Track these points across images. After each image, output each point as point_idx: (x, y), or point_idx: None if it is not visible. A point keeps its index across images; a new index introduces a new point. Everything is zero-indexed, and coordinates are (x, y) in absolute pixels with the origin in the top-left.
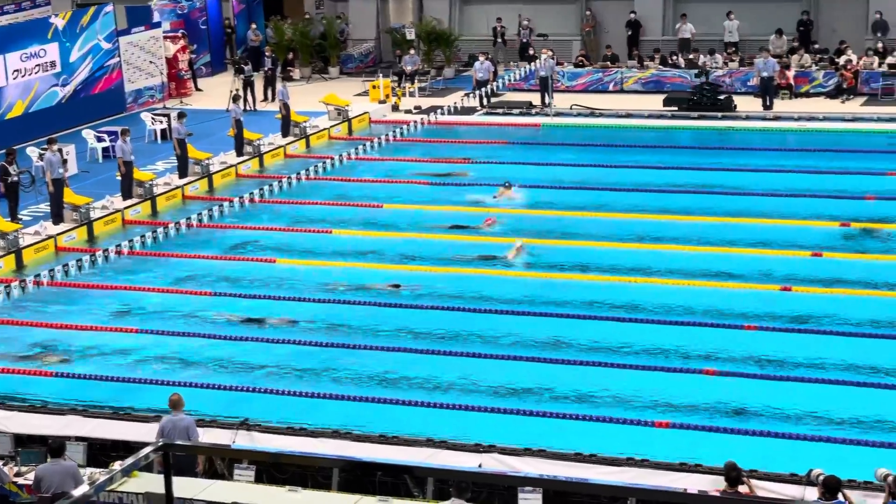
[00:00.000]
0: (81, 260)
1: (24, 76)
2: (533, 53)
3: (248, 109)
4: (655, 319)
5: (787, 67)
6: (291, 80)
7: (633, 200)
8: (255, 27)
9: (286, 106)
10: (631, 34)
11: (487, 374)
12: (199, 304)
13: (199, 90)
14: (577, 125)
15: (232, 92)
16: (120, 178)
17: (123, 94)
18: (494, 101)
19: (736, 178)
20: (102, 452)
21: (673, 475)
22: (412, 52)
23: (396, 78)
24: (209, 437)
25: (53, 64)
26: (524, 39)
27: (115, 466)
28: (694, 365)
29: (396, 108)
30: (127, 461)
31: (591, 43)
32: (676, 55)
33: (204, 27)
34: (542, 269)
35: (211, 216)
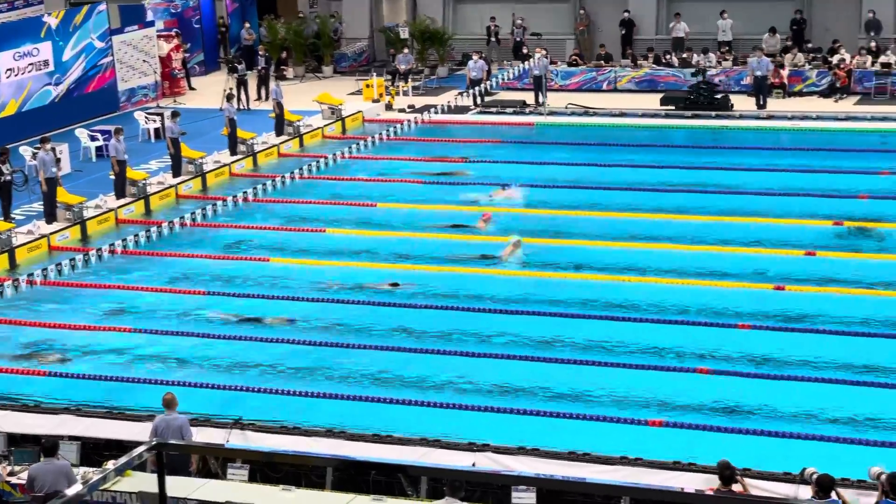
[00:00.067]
0: (75, 259)
1: (17, 75)
2: (527, 52)
3: (241, 108)
4: (649, 318)
5: (781, 66)
6: (285, 78)
7: (626, 199)
8: (248, 26)
9: (280, 105)
10: (624, 33)
11: (481, 372)
12: (192, 303)
13: (192, 89)
14: (570, 124)
15: (225, 91)
16: (113, 177)
17: (117, 93)
18: (488, 100)
19: (729, 176)
20: (96, 452)
21: (667, 474)
22: (406, 50)
23: (390, 77)
24: (203, 436)
25: (46, 63)
26: (518, 38)
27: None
28: (688, 364)
29: (390, 107)
30: (120, 460)
31: (584, 42)
32: (670, 54)
33: (197, 26)
34: (535, 267)
35: (204, 215)
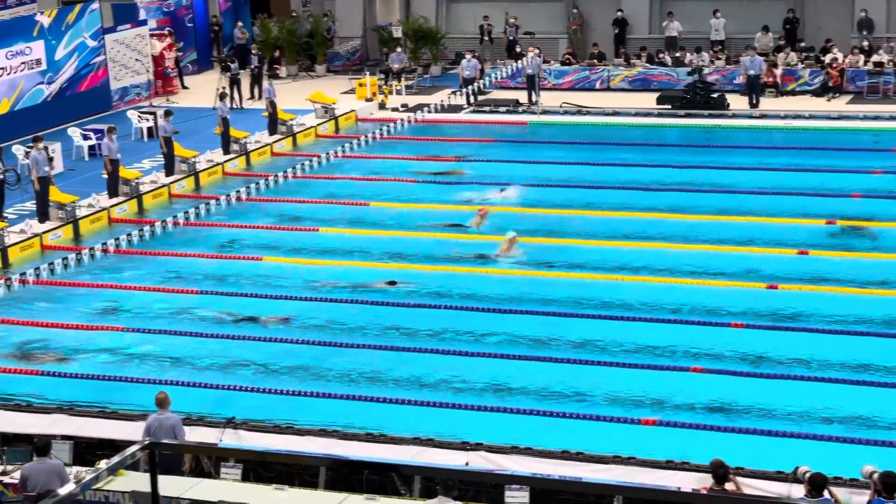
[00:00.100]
0: (67, 258)
1: (9, 74)
2: (520, 51)
3: (234, 107)
4: (642, 317)
5: (774, 66)
6: (278, 77)
7: (619, 198)
8: (241, 25)
9: (273, 104)
10: (617, 32)
11: (474, 372)
12: (185, 302)
13: (185, 88)
14: (563, 123)
15: (218, 90)
16: (106, 176)
17: (109, 91)
18: (481, 99)
19: (722, 175)
20: (88, 451)
21: (660, 473)
22: (399, 49)
23: (383, 76)
24: (196, 435)
25: (39, 62)
26: (511, 37)
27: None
28: (681, 362)
29: (383, 106)
30: (113, 460)
31: (577, 41)
32: (663, 53)
33: (190, 25)
34: (528, 266)
35: (197, 214)
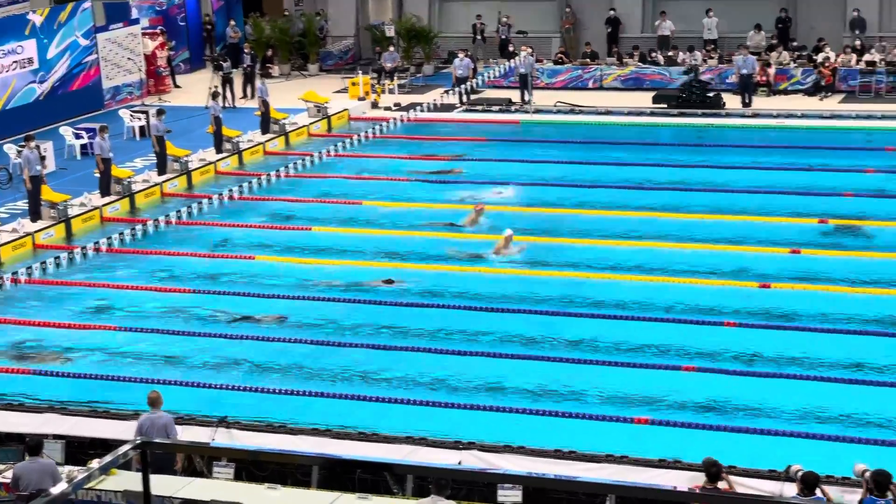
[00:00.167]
0: (59, 257)
1: (1, 73)
2: (512, 50)
3: (227, 106)
4: (635, 316)
5: (767, 65)
6: (271, 76)
7: (612, 197)
8: (234, 24)
9: (265, 103)
10: (610, 31)
11: (467, 370)
12: (177, 301)
13: (177, 87)
14: (556, 122)
15: (211, 89)
16: (98, 175)
17: (101, 90)
18: (474, 97)
19: (715, 174)
20: (80, 450)
21: (652, 471)
22: (391, 48)
23: (376, 75)
24: (188, 434)
25: (31, 60)
26: (503, 36)
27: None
28: (673, 361)
29: (376, 105)
30: (105, 459)
31: (570, 40)
32: (656, 52)
33: (183, 24)
34: (521, 265)
35: (190, 213)
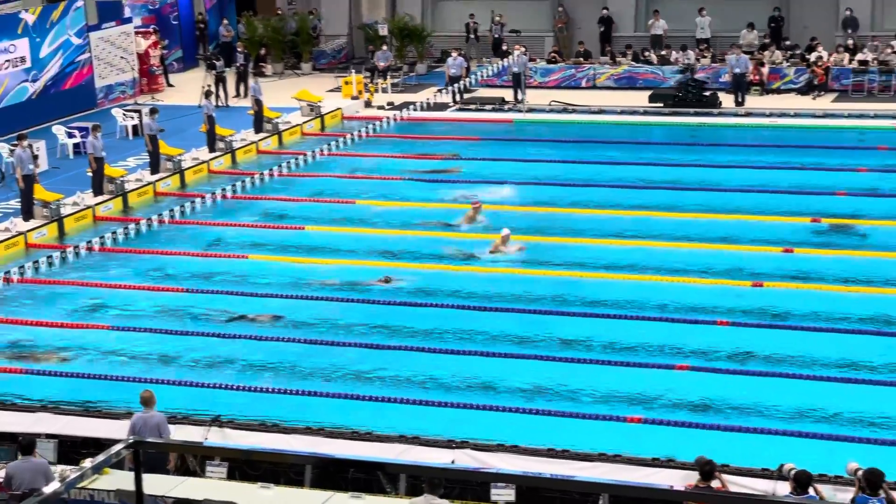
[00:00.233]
0: (52, 256)
1: None
2: (506, 49)
3: (220, 105)
4: (628, 315)
5: (761, 64)
6: (264, 75)
7: (605, 196)
8: (226, 23)
9: (258, 102)
10: (603, 30)
11: (460, 369)
12: (170, 300)
13: (170, 86)
14: (549, 121)
15: (204, 88)
16: (91, 174)
17: (94, 89)
18: (467, 97)
19: (708, 173)
20: (73, 450)
21: (646, 470)
22: (385, 48)
23: (369, 74)
24: (181, 433)
25: (23, 59)
26: (497, 35)
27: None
28: (666, 360)
29: (369, 104)
30: (98, 458)
31: (563, 39)
32: (649, 51)
33: (175, 23)
34: (514, 264)
35: (183, 212)
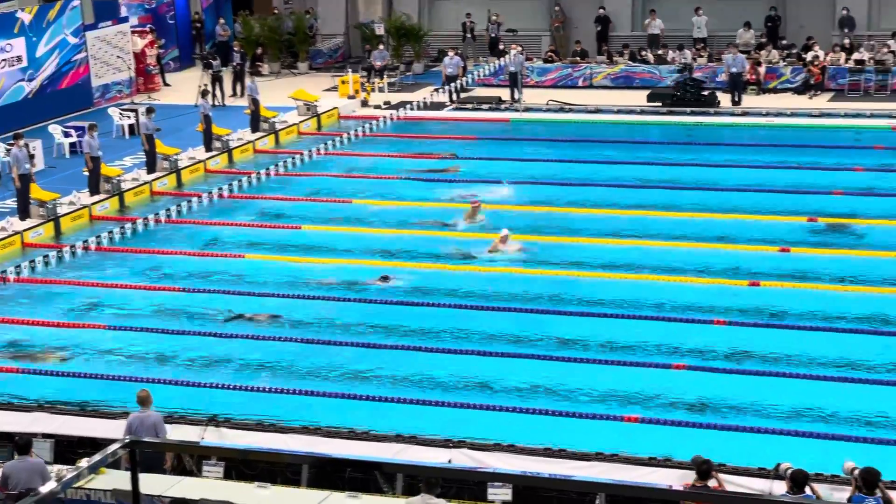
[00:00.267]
0: (49, 256)
1: None
2: (502, 49)
3: (216, 104)
4: (624, 314)
5: (758, 63)
6: (260, 75)
7: (602, 196)
8: (223, 22)
9: (255, 101)
10: (600, 30)
11: (457, 369)
12: (167, 299)
13: (167, 85)
14: (546, 120)
15: (200, 87)
16: (87, 173)
17: (90, 89)
18: (464, 96)
19: (704, 173)
20: (69, 449)
21: (642, 470)
22: (381, 47)
23: (366, 73)
24: (177, 433)
25: (20, 59)
26: (493, 35)
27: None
28: (662, 359)
29: (366, 103)
30: (94, 458)
31: (560, 38)
32: (645, 51)
33: (172, 22)
34: (511, 263)
35: (179, 212)
